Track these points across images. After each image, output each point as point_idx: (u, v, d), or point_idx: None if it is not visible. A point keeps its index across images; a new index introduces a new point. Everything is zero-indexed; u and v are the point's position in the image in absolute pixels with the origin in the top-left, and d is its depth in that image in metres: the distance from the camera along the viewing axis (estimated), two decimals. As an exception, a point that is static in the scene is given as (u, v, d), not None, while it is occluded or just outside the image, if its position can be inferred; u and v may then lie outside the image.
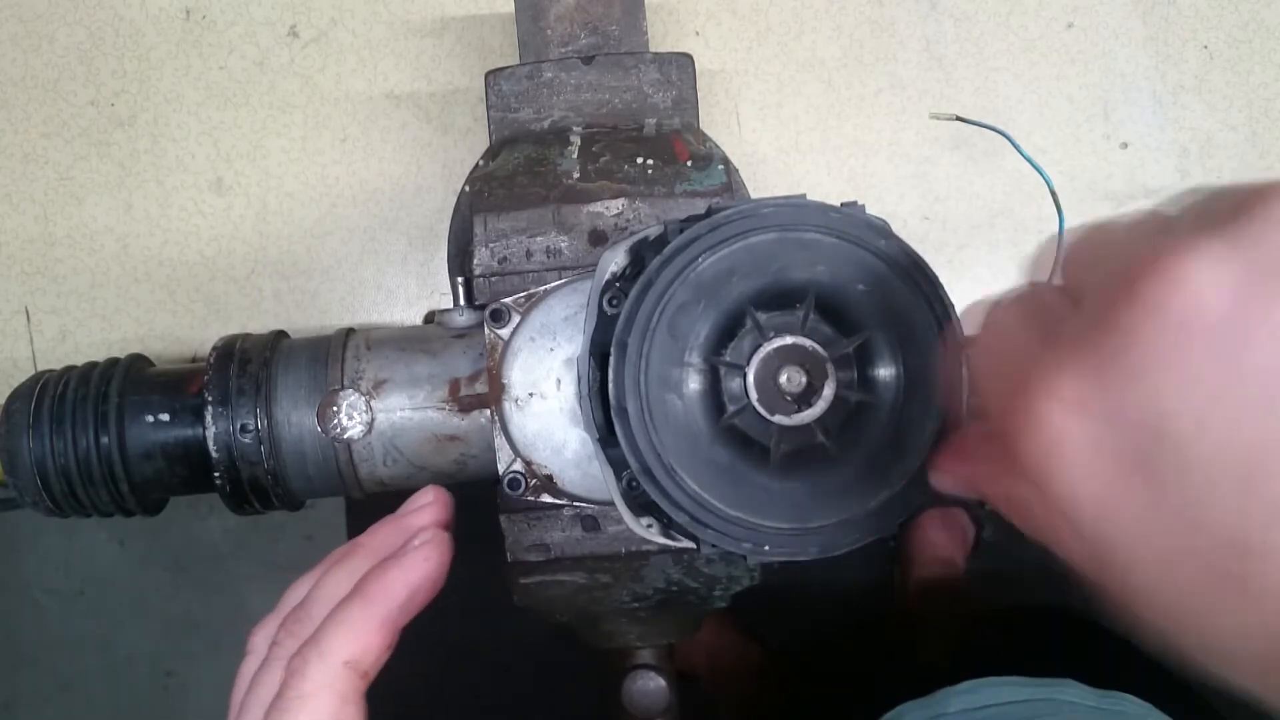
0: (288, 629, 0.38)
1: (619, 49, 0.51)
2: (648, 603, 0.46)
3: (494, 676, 0.66)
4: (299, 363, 0.45)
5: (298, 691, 0.35)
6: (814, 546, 0.36)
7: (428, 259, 0.61)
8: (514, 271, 0.44)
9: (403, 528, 0.40)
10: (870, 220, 0.36)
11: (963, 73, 0.62)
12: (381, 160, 0.61)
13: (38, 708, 1.40)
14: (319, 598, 0.38)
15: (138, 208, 0.61)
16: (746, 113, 0.62)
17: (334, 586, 0.38)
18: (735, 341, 0.36)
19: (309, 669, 0.36)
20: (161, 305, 0.61)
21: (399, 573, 0.38)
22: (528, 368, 0.43)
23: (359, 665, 0.36)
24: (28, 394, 0.46)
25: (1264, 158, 0.62)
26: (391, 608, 0.37)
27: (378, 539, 0.40)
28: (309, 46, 0.62)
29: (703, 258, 0.35)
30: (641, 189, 0.45)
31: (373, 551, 0.39)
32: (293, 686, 0.35)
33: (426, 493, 0.41)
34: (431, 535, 0.39)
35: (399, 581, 0.37)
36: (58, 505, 0.46)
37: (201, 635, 1.40)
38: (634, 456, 0.35)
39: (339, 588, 0.38)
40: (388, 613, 0.37)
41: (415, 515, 0.40)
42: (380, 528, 0.40)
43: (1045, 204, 0.59)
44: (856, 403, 0.36)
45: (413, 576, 0.38)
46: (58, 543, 1.41)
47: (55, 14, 0.61)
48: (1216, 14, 0.63)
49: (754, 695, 0.92)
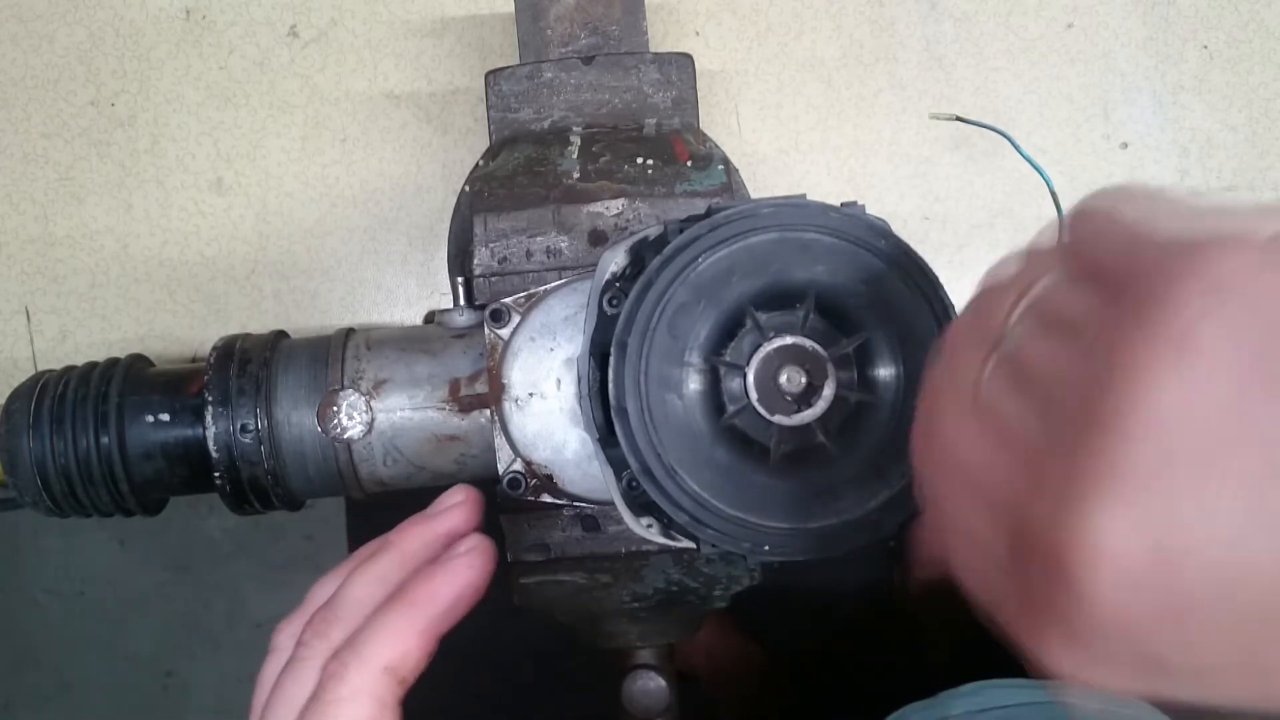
0: (315, 629, 0.37)
1: (619, 49, 0.51)
2: (648, 603, 0.46)
3: (493, 676, 0.66)
4: (299, 363, 0.45)
5: (335, 695, 0.34)
6: (814, 546, 0.36)
7: (428, 259, 0.61)
8: (514, 271, 0.44)
9: (434, 529, 0.39)
10: (870, 220, 0.36)
11: (963, 73, 0.62)
12: (381, 160, 0.61)
13: (38, 708, 1.40)
14: (348, 599, 0.37)
15: (138, 208, 0.61)
16: (746, 113, 0.62)
17: (364, 587, 0.38)
18: (735, 341, 0.36)
19: (348, 673, 0.35)
20: (161, 305, 0.61)
21: (445, 579, 0.37)
22: (528, 368, 0.43)
23: (398, 671, 0.35)
24: (28, 394, 0.46)
25: (1264, 157, 0.62)
26: (434, 614, 0.36)
27: (409, 540, 0.39)
28: (309, 46, 0.62)
29: (703, 258, 0.35)
30: (641, 189, 0.45)
31: (403, 554, 0.38)
32: (330, 690, 0.35)
33: (457, 492, 0.40)
34: (476, 542, 0.38)
35: (445, 588, 0.37)
36: (58, 505, 0.46)
37: (201, 635, 1.40)
38: (634, 456, 0.35)
39: (368, 589, 0.37)
40: (430, 619, 0.36)
41: (446, 515, 0.39)
42: (410, 527, 0.39)
43: (1045, 204, 0.59)
44: (856, 403, 0.36)
45: (458, 584, 0.37)
46: (58, 543, 1.41)
47: (55, 14, 0.61)
48: (1216, 14, 0.63)
49: (754, 695, 0.92)
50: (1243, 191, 0.62)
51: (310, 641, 0.37)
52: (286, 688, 0.36)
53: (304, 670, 0.36)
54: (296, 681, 0.36)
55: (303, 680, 0.36)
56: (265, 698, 0.37)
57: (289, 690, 0.36)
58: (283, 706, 0.36)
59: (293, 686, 0.36)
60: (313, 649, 0.37)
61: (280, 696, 0.36)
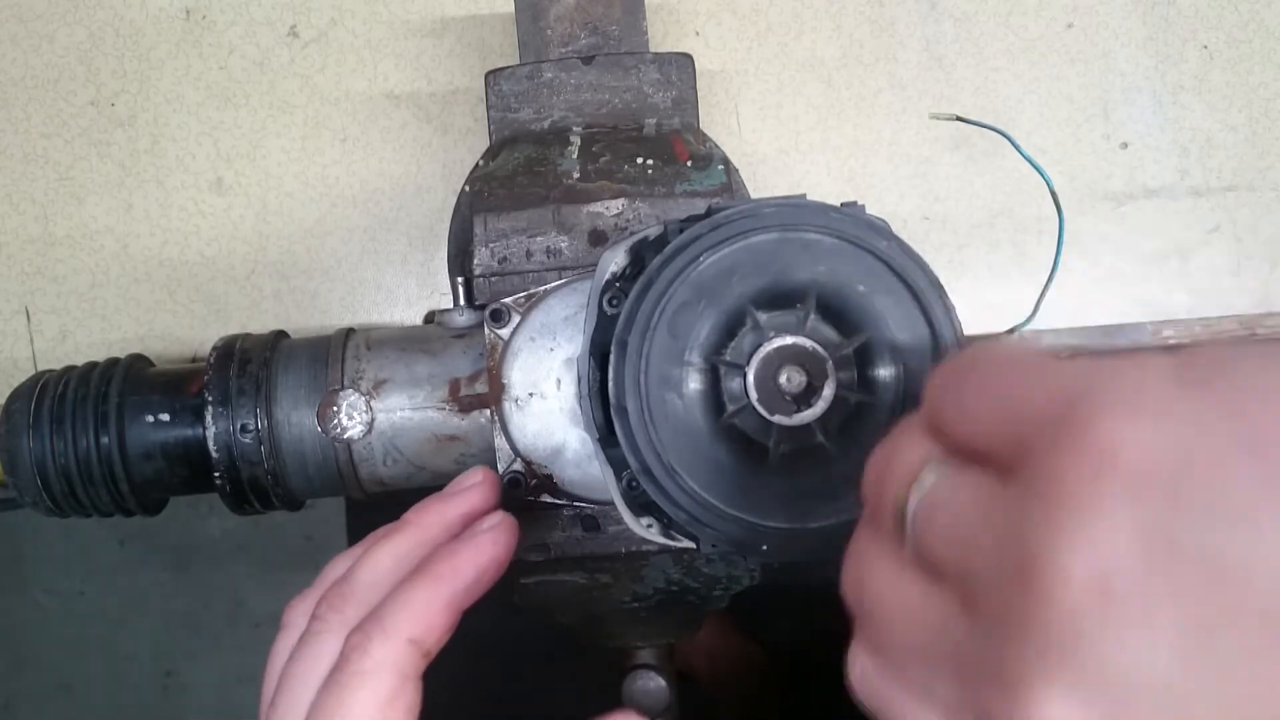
0: (330, 603, 0.36)
1: (619, 49, 0.51)
2: (648, 603, 0.46)
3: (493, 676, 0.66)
4: (299, 363, 0.45)
5: (358, 667, 0.34)
6: (814, 546, 0.36)
7: (428, 259, 0.61)
8: (514, 271, 0.44)
9: (453, 509, 0.39)
10: (871, 220, 0.36)
11: (963, 73, 0.62)
12: (381, 160, 0.61)
13: (38, 708, 1.40)
14: (366, 575, 0.37)
15: (138, 208, 0.61)
16: (746, 113, 0.62)
17: (381, 563, 0.37)
18: (735, 341, 0.36)
19: (371, 645, 0.34)
20: (161, 305, 0.61)
21: (470, 554, 0.37)
22: (528, 368, 0.43)
23: (422, 644, 0.35)
24: (28, 394, 0.46)
25: (1264, 157, 0.62)
26: (459, 588, 0.36)
27: (427, 519, 0.39)
28: (309, 46, 0.62)
29: (704, 257, 0.35)
30: (641, 189, 0.45)
31: (422, 529, 0.38)
32: (353, 662, 0.34)
33: (475, 473, 0.40)
34: (500, 519, 0.38)
35: (469, 563, 0.36)
36: (58, 505, 0.46)
37: (201, 635, 1.40)
38: (634, 456, 0.35)
39: (386, 566, 0.37)
40: (454, 593, 0.36)
41: (464, 496, 0.39)
42: (428, 506, 0.39)
43: (1045, 204, 0.59)
44: (856, 403, 0.36)
45: (483, 559, 0.37)
46: (58, 543, 1.41)
47: (55, 14, 0.61)
48: (1216, 14, 0.63)
49: (754, 695, 0.92)
50: (1243, 192, 0.62)
51: (326, 615, 0.36)
52: (303, 660, 0.36)
53: (321, 643, 0.36)
54: (314, 655, 0.35)
55: (320, 653, 0.35)
56: (278, 674, 0.37)
57: (305, 664, 0.36)
58: (299, 681, 0.35)
59: (309, 660, 0.35)
60: (329, 623, 0.36)
61: (296, 670, 0.36)
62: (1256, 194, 0.62)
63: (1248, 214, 0.62)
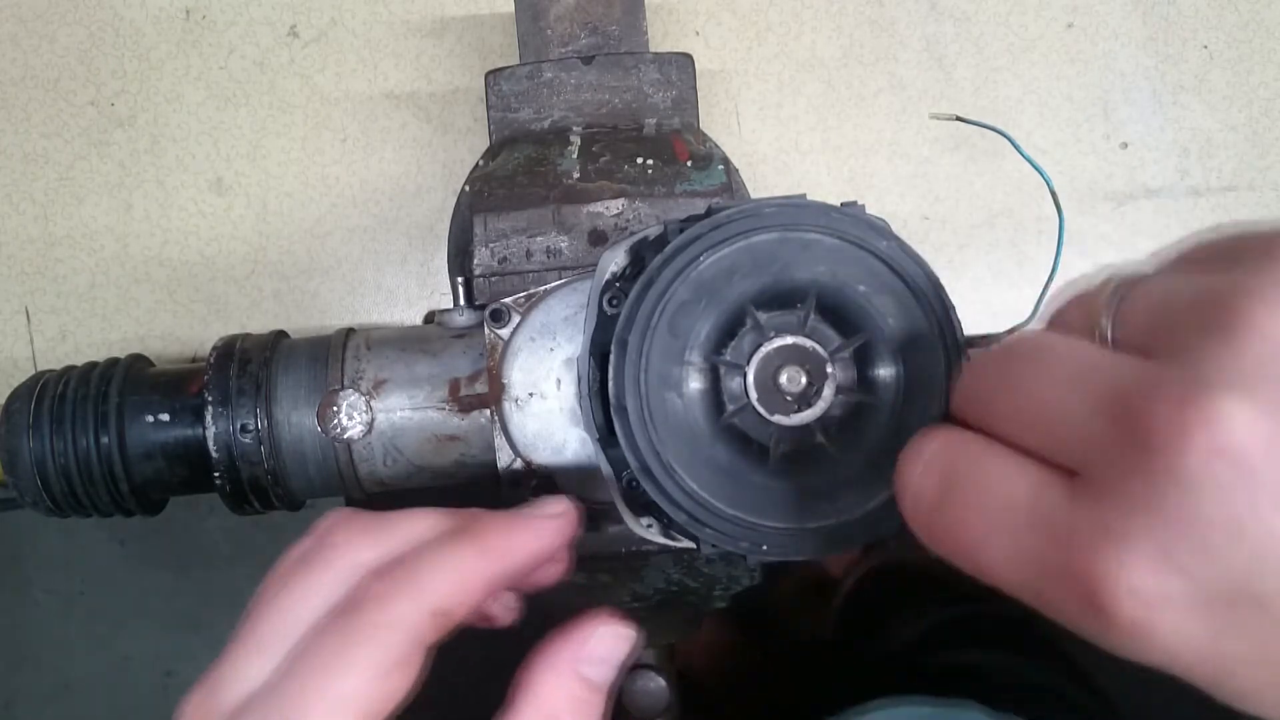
0: (363, 526, 0.32)
1: (619, 49, 0.51)
2: (648, 603, 0.46)
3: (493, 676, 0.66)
4: (299, 363, 0.45)
5: (373, 619, 0.29)
6: (814, 546, 0.35)
7: (428, 259, 0.61)
8: (514, 271, 0.44)
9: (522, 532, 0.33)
10: (871, 220, 0.36)
11: (963, 73, 0.62)
12: (381, 160, 0.61)
13: (38, 708, 1.41)
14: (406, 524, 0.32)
15: (138, 208, 0.61)
16: (746, 113, 0.62)
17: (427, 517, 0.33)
18: (735, 341, 0.36)
19: (394, 601, 0.29)
20: (161, 305, 0.61)
21: (528, 536, 0.32)
22: (528, 368, 0.43)
23: (448, 616, 0.30)
24: (28, 394, 0.46)
25: (1264, 157, 0.62)
26: (505, 566, 0.31)
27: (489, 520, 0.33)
28: (309, 46, 0.62)
29: (704, 256, 0.35)
30: (641, 189, 0.45)
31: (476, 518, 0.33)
32: (367, 610, 0.29)
33: (559, 502, 0.35)
34: (566, 508, 0.34)
35: (524, 546, 0.32)
36: (58, 505, 0.46)
37: (201, 635, 1.40)
38: (633, 455, 0.35)
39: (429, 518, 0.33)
40: (498, 571, 0.31)
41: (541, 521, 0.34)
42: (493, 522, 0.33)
43: (1045, 204, 0.59)
44: (856, 403, 0.36)
45: (539, 545, 0.33)
46: (58, 543, 1.41)
47: (55, 14, 0.61)
48: (1216, 14, 0.63)
49: (754, 696, 0.92)
50: (1243, 192, 0.62)
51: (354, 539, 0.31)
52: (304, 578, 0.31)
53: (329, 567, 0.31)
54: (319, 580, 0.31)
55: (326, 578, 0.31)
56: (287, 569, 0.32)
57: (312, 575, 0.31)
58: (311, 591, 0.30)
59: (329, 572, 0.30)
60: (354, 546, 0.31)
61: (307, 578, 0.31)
62: (1256, 194, 0.62)
63: (1248, 214, 0.62)
